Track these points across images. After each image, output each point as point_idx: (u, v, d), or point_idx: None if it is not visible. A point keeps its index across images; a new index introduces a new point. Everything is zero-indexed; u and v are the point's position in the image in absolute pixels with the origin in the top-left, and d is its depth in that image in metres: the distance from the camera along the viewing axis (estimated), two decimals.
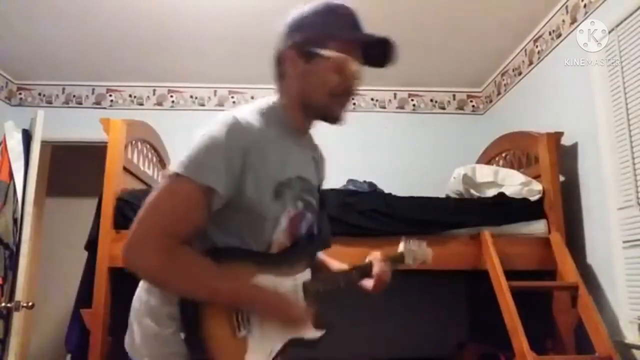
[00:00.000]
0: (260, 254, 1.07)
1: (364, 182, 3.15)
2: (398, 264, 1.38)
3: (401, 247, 1.40)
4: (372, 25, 1.13)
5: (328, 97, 1.09)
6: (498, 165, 3.21)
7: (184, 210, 0.97)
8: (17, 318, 2.19)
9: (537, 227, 2.54)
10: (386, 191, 2.92)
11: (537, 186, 2.61)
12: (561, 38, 2.84)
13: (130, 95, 3.96)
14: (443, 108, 4.05)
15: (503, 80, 3.65)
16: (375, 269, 1.29)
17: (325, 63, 1.07)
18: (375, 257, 1.32)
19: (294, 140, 1.14)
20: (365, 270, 1.30)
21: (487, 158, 3.39)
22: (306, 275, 1.15)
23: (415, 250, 1.43)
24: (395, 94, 4.02)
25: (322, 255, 1.40)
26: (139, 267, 0.96)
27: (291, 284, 1.11)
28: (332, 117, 1.12)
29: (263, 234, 1.07)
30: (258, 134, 1.03)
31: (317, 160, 1.25)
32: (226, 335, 0.97)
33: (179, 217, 0.97)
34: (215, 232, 1.04)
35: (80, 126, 3.74)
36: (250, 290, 1.02)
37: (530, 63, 3.22)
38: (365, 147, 3.88)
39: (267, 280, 1.05)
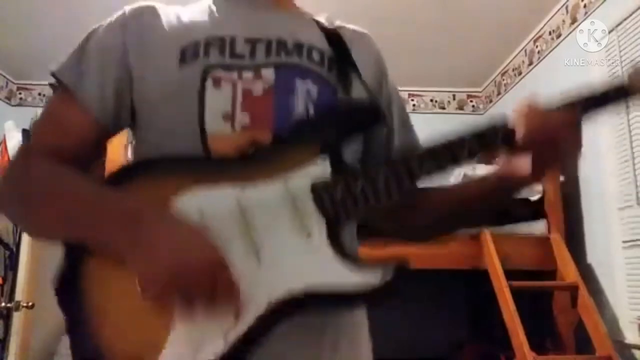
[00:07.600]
0: (197, 160, 0.69)
1: None
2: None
3: None
4: (371, 25, 1.13)
5: None
6: (498, 165, 3.20)
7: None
8: (17, 318, 2.19)
9: (537, 227, 2.54)
10: None
11: (537, 186, 2.61)
12: (561, 38, 2.84)
13: None
14: (443, 108, 4.04)
15: (503, 80, 3.65)
16: (522, 126, 0.69)
17: None
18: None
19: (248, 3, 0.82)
20: (494, 133, 0.72)
21: (487, 158, 3.39)
22: (315, 171, 0.67)
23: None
24: None
25: None
26: None
27: (272, 193, 0.65)
28: None
29: (186, 124, 0.69)
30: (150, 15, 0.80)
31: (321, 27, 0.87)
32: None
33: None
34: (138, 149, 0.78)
35: None
36: (129, 204, 0.64)
37: (530, 63, 3.22)
38: None
39: (199, 197, 0.64)
